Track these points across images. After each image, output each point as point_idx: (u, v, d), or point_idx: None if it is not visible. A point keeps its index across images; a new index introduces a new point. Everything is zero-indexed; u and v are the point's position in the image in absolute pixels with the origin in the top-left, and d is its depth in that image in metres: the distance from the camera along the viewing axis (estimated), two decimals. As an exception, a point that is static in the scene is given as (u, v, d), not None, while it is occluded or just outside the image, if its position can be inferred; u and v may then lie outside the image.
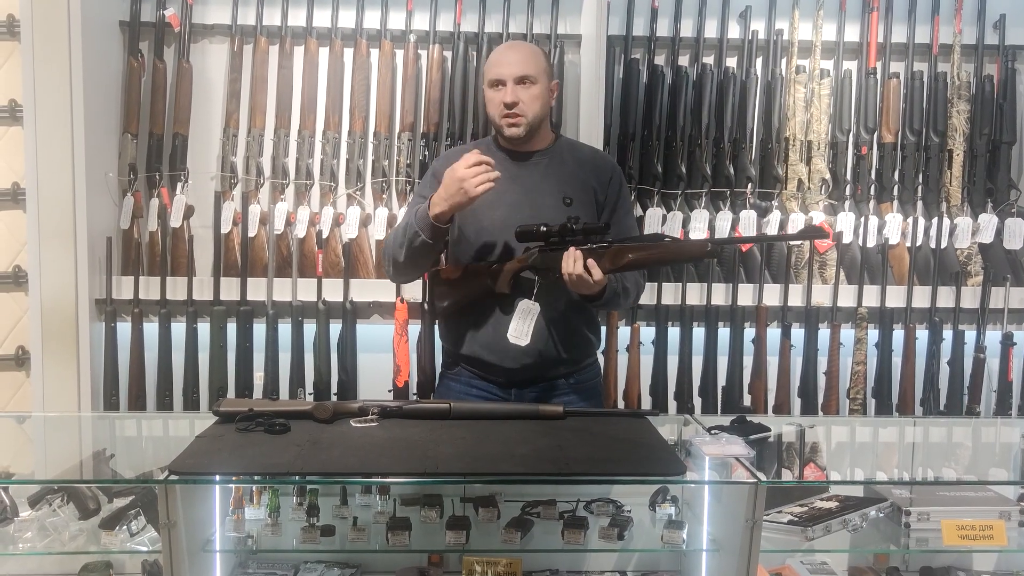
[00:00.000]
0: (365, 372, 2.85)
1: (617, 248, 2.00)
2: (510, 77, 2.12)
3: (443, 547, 1.90)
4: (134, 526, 1.84)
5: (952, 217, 2.90)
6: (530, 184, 2.18)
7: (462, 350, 2.21)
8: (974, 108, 2.90)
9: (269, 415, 1.82)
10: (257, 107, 2.86)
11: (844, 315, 2.87)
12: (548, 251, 2.04)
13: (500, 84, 2.13)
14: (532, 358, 2.14)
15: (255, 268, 2.84)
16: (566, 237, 2.01)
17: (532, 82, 2.14)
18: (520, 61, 2.14)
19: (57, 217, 2.66)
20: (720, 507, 1.83)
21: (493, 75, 2.15)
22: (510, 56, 2.16)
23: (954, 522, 1.84)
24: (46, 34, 2.63)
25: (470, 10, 2.87)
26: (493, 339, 2.15)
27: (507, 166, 2.18)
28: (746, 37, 2.91)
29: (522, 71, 2.13)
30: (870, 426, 2.68)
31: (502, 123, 2.15)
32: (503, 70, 2.13)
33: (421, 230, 2.06)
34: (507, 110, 2.13)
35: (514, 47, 2.24)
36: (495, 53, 2.23)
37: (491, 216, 2.14)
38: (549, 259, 2.04)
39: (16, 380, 2.90)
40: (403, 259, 2.14)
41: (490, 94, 2.17)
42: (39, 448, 2.22)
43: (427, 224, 2.05)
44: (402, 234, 2.12)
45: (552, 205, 2.16)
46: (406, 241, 2.10)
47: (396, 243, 2.15)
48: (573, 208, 2.17)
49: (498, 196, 2.13)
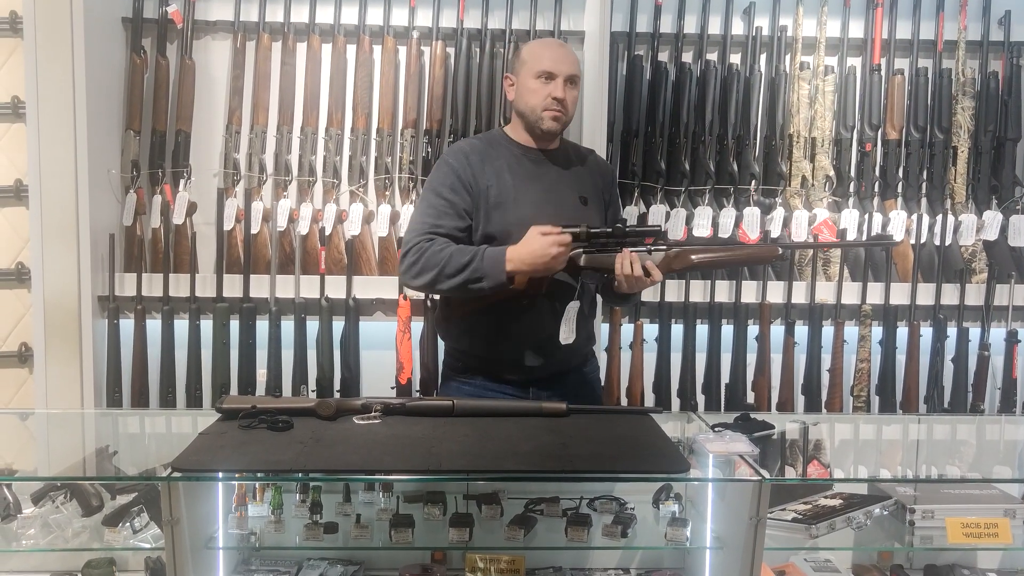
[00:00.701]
0: (368, 369, 2.85)
1: (680, 251, 2.03)
2: (563, 74, 2.12)
3: (446, 544, 1.90)
4: (137, 523, 1.83)
5: (956, 214, 2.89)
6: (548, 183, 2.18)
7: (481, 351, 2.18)
8: (979, 105, 2.89)
9: (272, 412, 1.82)
10: (260, 104, 2.86)
11: (848, 312, 2.86)
12: (595, 252, 2.05)
13: (551, 77, 2.12)
14: (557, 355, 2.15)
15: (258, 265, 2.84)
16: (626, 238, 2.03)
17: (575, 85, 2.16)
18: (573, 61, 2.16)
19: (60, 214, 2.66)
20: (724, 505, 1.83)
21: (546, 67, 2.12)
22: (563, 53, 2.16)
23: (958, 520, 1.83)
24: (49, 31, 2.63)
25: (473, 6, 2.87)
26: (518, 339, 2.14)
27: (524, 163, 2.18)
28: (750, 33, 2.90)
29: (574, 70, 2.15)
30: (874, 423, 2.68)
31: (545, 115, 2.13)
32: (560, 66, 2.12)
33: (487, 277, 2.01)
34: (557, 104, 2.12)
35: (563, 46, 2.22)
36: (543, 47, 2.19)
37: (517, 214, 2.11)
38: (595, 260, 2.05)
39: (19, 377, 2.90)
40: (448, 288, 2.05)
41: (535, 85, 2.13)
42: (42, 445, 2.21)
43: (499, 280, 2.01)
44: (458, 268, 2.02)
45: (572, 204, 2.16)
46: (464, 279, 2.02)
47: (444, 268, 2.02)
48: (589, 208, 2.18)
49: (521, 193, 2.13)
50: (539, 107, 2.13)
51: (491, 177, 2.13)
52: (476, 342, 2.19)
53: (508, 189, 2.12)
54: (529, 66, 2.15)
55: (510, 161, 2.17)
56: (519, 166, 2.16)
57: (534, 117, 2.14)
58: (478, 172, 2.13)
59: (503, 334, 2.14)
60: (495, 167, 2.14)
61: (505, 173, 2.14)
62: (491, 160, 2.15)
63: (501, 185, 2.12)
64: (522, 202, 2.12)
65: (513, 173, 2.15)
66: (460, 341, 2.24)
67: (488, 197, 2.11)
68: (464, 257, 2.02)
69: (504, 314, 2.12)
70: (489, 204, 2.11)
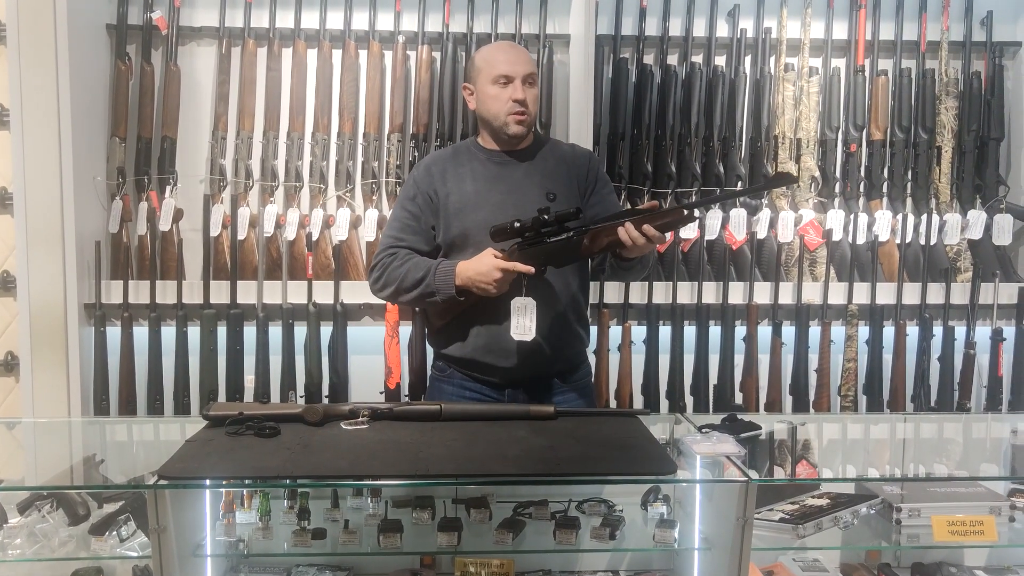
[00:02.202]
0: (356, 374, 2.84)
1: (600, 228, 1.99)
2: (520, 74, 2.12)
3: (435, 549, 1.89)
4: (124, 531, 1.82)
5: (941, 214, 2.91)
6: (512, 184, 2.18)
7: (455, 353, 2.20)
8: (962, 105, 2.92)
9: (259, 419, 1.81)
10: (246, 109, 2.86)
11: (835, 312, 2.88)
12: (527, 247, 2.04)
13: (508, 81, 2.12)
14: (525, 356, 2.14)
15: (245, 271, 2.83)
16: (542, 230, 2.01)
17: (533, 83, 2.16)
18: (527, 60, 2.16)
19: (45, 221, 2.66)
20: (711, 506, 1.83)
21: (501, 71, 2.12)
22: (517, 55, 2.16)
23: (945, 518, 1.84)
24: (33, 38, 2.62)
25: (458, 11, 2.87)
26: (486, 340, 2.15)
27: (489, 167, 2.19)
28: (734, 36, 2.91)
29: (529, 69, 2.15)
30: (861, 423, 2.69)
31: (509, 120, 2.14)
32: (515, 68, 2.13)
33: (439, 292, 2.09)
34: (519, 107, 2.12)
35: (515, 46, 2.24)
36: (496, 51, 2.20)
37: (475, 217, 2.14)
38: (528, 255, 2.03)
39: (5, 386, 2.89)
40: (407, 301, 2.18)
41: (494, 91, 2.14)
42: (29, 454, 2.20)
43: (449, 294, 2.08)
44: (414, 283, 2.12)
45: (535, 202, 2.13)
46: (419, 294, 2.12)
47: (402, 283, 2.13)
48: (557, 203, 2.15)
49: (481, 197, 2.14)
50: (502, 112, 2.14)
51: (452, 185, 2.17)
52: (451, 343, 2.21)
53: (468, 195, 2.16)
54: (485, 72, 2.15)
55: (474, 167, 2.19)
56: (484, 171, 2.18)
57: (498, 123, 2.15)
58: (438, 183, 2.18)
59: (472, 335, 2.17)
60: (458, 175, 2.18)
61: (467, 180, 2.17)
62: (454, 169, 2.19)
63: (461, 192, 2.16)
64: (482, 206, 2.14)
65: (475, 178, 2.17)
66: (436, 344, 2.29)
67: (448, 205, 2.16)
68: (419, 272, 2.12)
69: (470, 317, 2.15)
70: (449, 212, 2.16)
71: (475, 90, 2.19)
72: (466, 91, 2.23)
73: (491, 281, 2.03)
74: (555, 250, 2.03)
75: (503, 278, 2.03)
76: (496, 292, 2.05)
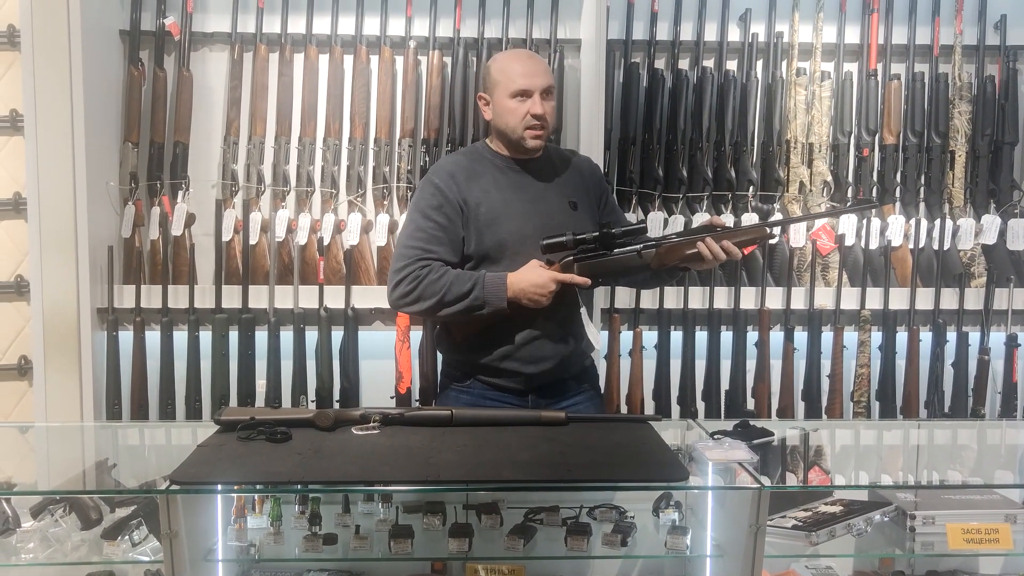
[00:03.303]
0: (367, 379, 2.84)
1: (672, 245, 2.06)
2: (538, 88, 2.10)
3: (446, 555, 1.90)
4: (136, 536, 1.83)
5: (955, 218, 2.89)
6: (535, 193, 2.17)
7: (481, 360, 2.17)
8: (976, 109, 2.89)
9: (270, 424, 1.82)
10: (257, 114, 2.86)
11: (847, 318, 2.86)
12: (584, 259, 2.06)
13: (527, 95, 2.09)
14: (553, 363, 2.15)
15: (256, 276, 2.84)
16: (614, 242, 2.05)
17: (551, 94, 2.14)
18: (545, 72, 2.14)
19: (59, 226, 2.67)
20: (724, 512, 1.82)
21: (520, 86, 2.09)
22: (535, 67, 2.12)
23: (959, 526, 1.82)
24: (46, 44, 2.63)
25: (469, 16, 2.87)
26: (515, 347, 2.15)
27: (509, 175, 2.18)
28: (746, 40, 2.91)
29: (548, 82, 2.12)
30: (874, 429, 2.67)
31: (526, 135, 2.12)
32: (534, 81, 2.09)
33: (488, 304, 2.05)
34: (537, 122, 2.10)
35: (533, 57, 2.19)
36: (515, 63, 2.14)
37: (509, 227, 2.12)
38: (585, 267, 2.06)
39: (18, 390, 2.90)
40: (447, 315, 2.08)
41: (512, 105, 2.11)
42: (41, 458, 2.21)
43: (500, 306, 2.05)
44: (458, 296, 2.05)
45: (559, 210, 2.16)
46: (465, 307, 2.05)
47: (444, 296, 2.05)
48: (579, 211, 2.18)
49: (509, 206, 2.13)
50: (519, 127, 2.12)
51: (479, 195, 2.13)
52: (473, 350, 2.19)
53: (497, 205, 2.12)
54: (503, 86, 2.12)
55: (495, 175, 2.17)
56: (504, 179, 2.16)
57: (516, 136, 2.14)
58: (465, 191, 2.13)
59: (498, 342, 2.15)
60: (481, 184, 2.15)
61: (492, 189, 2.14)
62: (476, 177, 2.15)
63: (490, 202, 2.12)
64: (512, 215, 2.12)
65: (499, 187, 2.15)
66: (458, 351, 2.24)
67: (479, 216, 2.12)
68: (464, 285, 2.05)
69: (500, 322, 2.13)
70: (480, 222, 2.11)
71: (491, 101, 2.16)
72: (481, 101, 2.20)
73: (547, 293, 2.05)
74: (615, 263, 2.07)
75: (556, 290, 2.05)
76: (546, 304, 2.06)
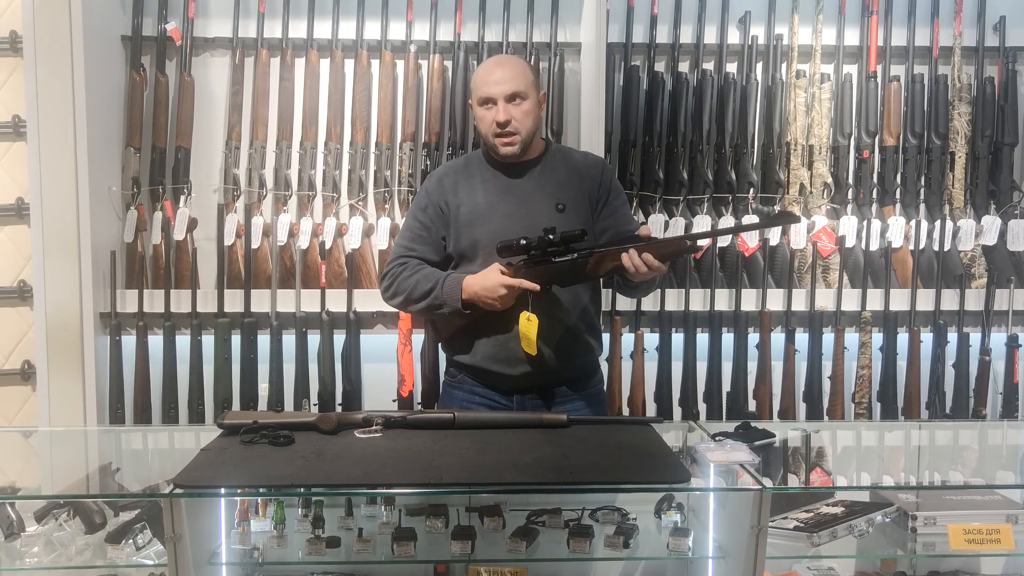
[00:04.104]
0: (369, 382, 2.85)
1: (603, 254, 2.00)
2: (500, 96, 2.10)
3: (449, 557, 1.90)
4: (140, 540, 1.84)
5: (955, 219, 2.90)
6: (522, 195, 2.18)
7: (464, 361, 2.22)
8: (975, 110, 2.90)
9: (273, 427, 1.83)
10: (259, 119, 2.87)
11: (848, 319, 2.87)
12: (532, 264, 2.04)
13: (490, 103, 2.11)
14: (532, 366, 2.14)
15: (259, 280, 2.85)
16: (548, 249, 2.01)
17: (523, 98, 2.12)
18: (509, 78, 2.11)
19: (61, 231, 2.68)
20: (725, 514, 1.83)
21: (482, 94, 2.12)
22: (498, 73, 2.12)
23: (961, 526, 1.83)
24: (49, 49, 2.64)
25: (470, 19, 2.88)
26: (494, 349, 2.16)
27: (499, 179, 2.19)
28: (746, 42, 2.91)
29: (512, 88, 2.10)
30: (875, 430, 2.67)
31: (496, 142, 2.14)
32: (493, 89, 2.10)
33: (446, 304, 2.10)
34: (500, 129, 2.11)
35: (501, 63, 2.19)
36: (482, 71, 2.19)
37: (485, 228, 2.15)
38: (534, 273, 2.04)
39: (22, 395, 2.91)
40: (416, 311, 2.20)
41: (480, 112, 2.15)
42: (45, 463, 2.22)
43: (456, 307, 2.09)
44: (422, 295, 2.13)
45: (545, 212, 2.15)
46: (427, 305, 2.13)
47: (411, 294, 2.15)
48: (566, 214, 2.16)
49: (492, 208, 2.15)
50: (489, 135, 2.14)
51: (463, 196, 2.18)
52: (457, 351, 2.23)
53: (479, 206, 2.16)
54: (474, 95, 2.16)
55: (485, 178, 2.20)
56: (495, 181, 2.19)
57: (489, 144, 2.17)
58: (449, 194, 2.19)
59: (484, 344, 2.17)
60: (469, 186, 2.19)
61: (478, 191, 2.18)
62: (466, 180, 2.20)
63: (472, 203, 2.17)
64: (492, 217, 2.15)
65: (487, 190, 2.18)
66: (447, 350, 2.30)
67: (459, 216, 2.17)
68: (428, 284, 2.13)
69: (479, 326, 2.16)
70: (460, 223, 2.17)
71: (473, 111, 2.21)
72: (470, 108, 2.24)
73: (496, 297, 2.05)
74: (560, 270, 2.04)
75: (508, 294, 2.05)
76: (501, 307, 2.07)
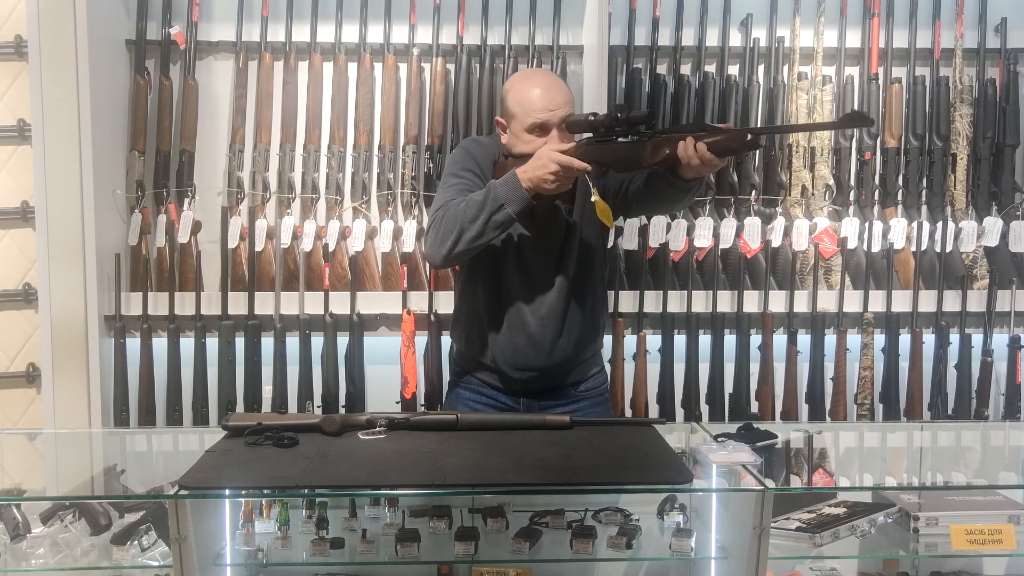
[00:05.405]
0: (373, 384, 2.86)
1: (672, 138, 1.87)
2: (557, 120, 2.01)
3: (452, 558, 1.91)
4: (145, 541, 1.85)
5: (957, 221, 2.90)
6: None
7: (476, 359, 2.21)
8: (977, 112, 2.90)
9: (277, 429, 1.83)
10: (263, 122, 2.88)
11: (850, 320, 2.87)
12: (595, 143, 1.96)
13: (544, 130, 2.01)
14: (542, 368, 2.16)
15: (262, 282, 2.85)
16: (614, 128, 1.92)
17: None
18: (565, 98, 2.03)
19: (66, 234, 2.69)
20: (728, 515, 1.83)
21: (539, 119, 2.00)
22: (553, 96, 2.02)
23: (963, 527, 1.83)
24: (53, 54, 2.65)
25: (473, 23, 2.89)
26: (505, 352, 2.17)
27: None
28: (747, 45, 2.92)
29: (567, 109, 2.03)
30: (878, 431, 2.68)
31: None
32: (553, 114, 2.00)
33: (508, 202, 1.92)
34: None
35: (550, 80, 2.08)
36: (529, 89, 2.04)
37: None
38: (594, 151, 1.94)
39: (27, 397, 2.92)
40: (474, 235, 1.96)
41: (527, 138, 2.03)
42: (50, 464, 2.23)
43: (521, 197, 1.92)
44: (478, 208, 1.95)
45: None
46: (486, 217, 1.94)
47: (464, 217, 1.96)
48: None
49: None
50: None
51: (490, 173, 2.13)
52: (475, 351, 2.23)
53: None
54: (519, 119, 2.04)
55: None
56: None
57: None
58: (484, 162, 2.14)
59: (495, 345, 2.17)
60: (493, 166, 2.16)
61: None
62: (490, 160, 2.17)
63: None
64: None
65: None
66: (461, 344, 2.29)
67: None
68: (478, 196, 1.97)
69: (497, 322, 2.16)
70: None
71: (509, 129, 2.09)
72: (499, 125, 2.14)
73: (551, 172, 1.90)
74: (619, 150, 1.94)
75: (561, 171, 1.91)
76: (555, 183, 1.92)
